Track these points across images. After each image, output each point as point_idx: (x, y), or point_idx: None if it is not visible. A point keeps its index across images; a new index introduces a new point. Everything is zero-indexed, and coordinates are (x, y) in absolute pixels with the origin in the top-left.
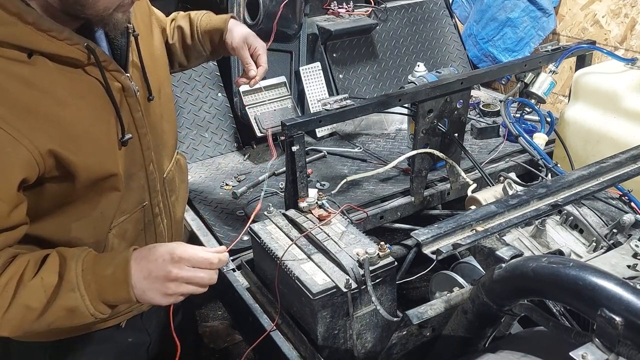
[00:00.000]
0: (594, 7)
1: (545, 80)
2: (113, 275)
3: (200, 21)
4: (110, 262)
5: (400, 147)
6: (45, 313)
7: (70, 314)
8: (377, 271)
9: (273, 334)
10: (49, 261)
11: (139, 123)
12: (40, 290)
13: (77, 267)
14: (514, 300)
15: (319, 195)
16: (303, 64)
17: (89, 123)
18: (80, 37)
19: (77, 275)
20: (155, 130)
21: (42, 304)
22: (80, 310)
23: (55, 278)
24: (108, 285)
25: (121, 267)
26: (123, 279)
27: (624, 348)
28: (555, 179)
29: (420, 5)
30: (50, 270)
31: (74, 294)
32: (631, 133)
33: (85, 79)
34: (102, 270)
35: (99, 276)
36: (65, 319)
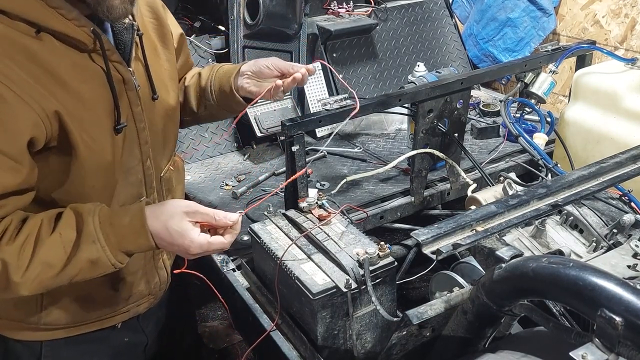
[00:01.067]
0: (594, 7)
1: (545, 80)
2: (130, 224)
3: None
4: (126, 212)
5: (400, 147)
6: (66, 267)
7: (93, 265)
8: (377, 271)
9: (273, 334)
10: (64, 217)
11: (137, 117)
12: (60, 245)
13: (95, 219)
14: (514, 300)
15: (319, 195)
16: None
17: (87, 106)
18: (88, 20)
19: (96, 228)
20: (156, 128)
21: (62, 259)
22: (102, 261)
23: (74, 233)
24: (127, 234)
25: (137, 216)
26: (141, 226)
27: (624, 348)
28: (555, 179)
29: (420, 5)
30: (68, 226)
31: (94, 245)
32: (631, 133)
33: (89, 66)
34: (119, 220)
35: (116, 226)
36: (87, 271)
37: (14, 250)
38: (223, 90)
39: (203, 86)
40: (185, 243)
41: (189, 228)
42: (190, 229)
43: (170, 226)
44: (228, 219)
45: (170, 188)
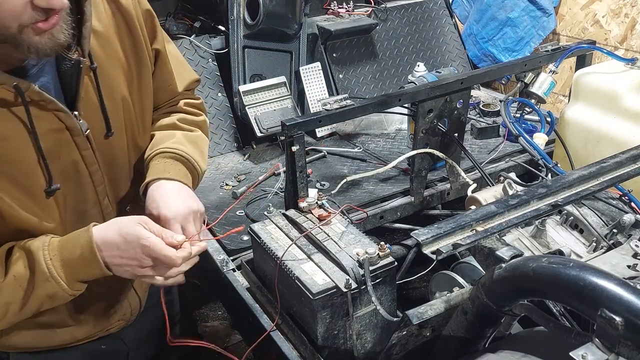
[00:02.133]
0: (594, 7)
1: (545, 80)
2: (81, 256)
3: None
4: (76, 244)
5: (400, 147)
6: (27, 304)
7: (51, 299)
8: (377, 271)
9: (273, 334)
10: (14, 258)
11: (88, 160)
12: (16, 286)
13: (45, 257)
14: (514, 300)
15: (319, 195)
16: (303, 64)
17: (10, 165)
18: (8, 76)
19: (48, 265)
20: (116, 163)
21: (21, 297)
22: (59, 294)
23: (27, 272)
24: (79, 266)
25: (87, 247)
26: (92, 257)
27: (624, 348)
28: (555, 179)
29: (420, 5)
30: (20, 266)
31: (49, 283)
32: (631, 133)
33: (12, 120)
34: (69, 254)
35: (67, 260)
36: (48, 303)
37: None
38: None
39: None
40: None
41: (142, 230)
42: (144, 230)
43: (123, 232)
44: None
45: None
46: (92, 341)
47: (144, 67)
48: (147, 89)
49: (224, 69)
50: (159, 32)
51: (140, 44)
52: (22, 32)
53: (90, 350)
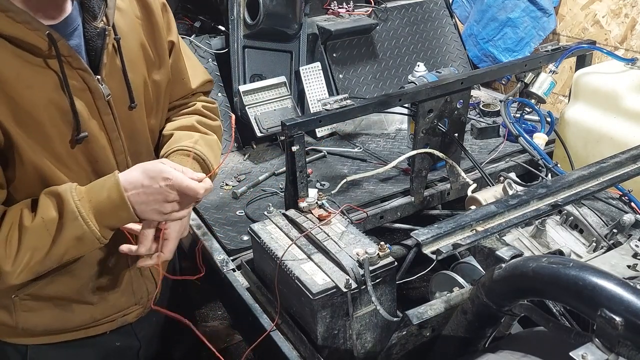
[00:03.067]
0: (594, 7)
1: (545, 80)
2: (108, 198)
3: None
4: (102, 187)
5: (400, 147)
6: (52, 248)
7: (79, 242)
8: (377, 271)
9: (273, 334)
10: (42, 202)
11: (109, 127)
12: (43, 229)
13: (74, 197)
14: (514, 300)
15: (319, 195)
16: (303, 64)
17: (32, 113)
18: (43, 24)
19: (77, 204)
20: (137, 137)
21: (48, 241)
22: (87, 236)
23: (55, 213)
24: (107, 209)
25: (114, 189)
26: (119, 198)
27: (624, 348)
28: (555, 179)
29: (420, 5)
30: (48, 208)
31: (77, 222)
32: (631, 133)
33: (42, 71)
34: (97, 196)
35: (95, 202)
36: (74, 248)
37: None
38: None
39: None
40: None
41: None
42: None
43: (147, 169)
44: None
45: None
46: (108, 336)
47: (162, 54)
48: (164, 77)
49: (224, 69)
50: (173, 26)
51: (159, 32)
52: None
53: (105, 346)
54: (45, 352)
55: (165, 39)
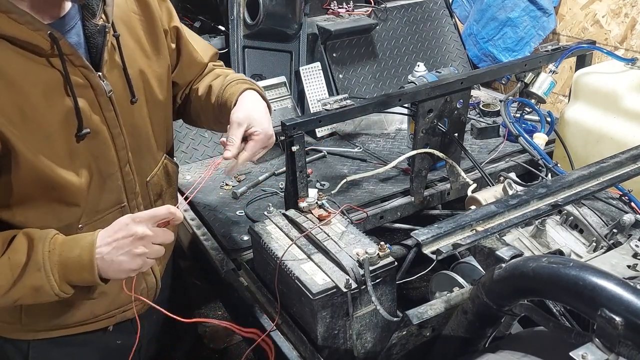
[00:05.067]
0: (594, 7)
1: (545, 80)
2: (79, 257)
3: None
4: (77, 244)
5: (400, 147)
6: (11, 290)
7: (35, 292)
8: (377, 271)
9: (273, 333)
10: (16, 241)
11: (111, 123)
12: (7, 269)
13: (44, 248)
14: (514, 300)
15: (319, 195)
16: (303, 64)
17: (38, 111)
18: (45, 24)
19: (44, 256)
20: (137, 132)
21: (9, 282)
22: (45, 289)
23: (23, 258)
24: (73, 267)
25: (87, 249)
26: (88, 260)
27: (624, 348)
28: (555, 179)
29: (420, 5)
30: (18, 250)
31: (39, 273)
32: (631, 133)
33: (46, 70)
34: (68, 252)
35: (64, 258)
36: (30, 297)
37: None
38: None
39: (212, 103)
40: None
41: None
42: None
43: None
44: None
45: (160, 192)
46: (109, 334)
47: (160, 46)
48: (163, 67)
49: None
50: (174, 13)
51: (157, 24)
52: None
53: (107, 344)
54: (47, 350)
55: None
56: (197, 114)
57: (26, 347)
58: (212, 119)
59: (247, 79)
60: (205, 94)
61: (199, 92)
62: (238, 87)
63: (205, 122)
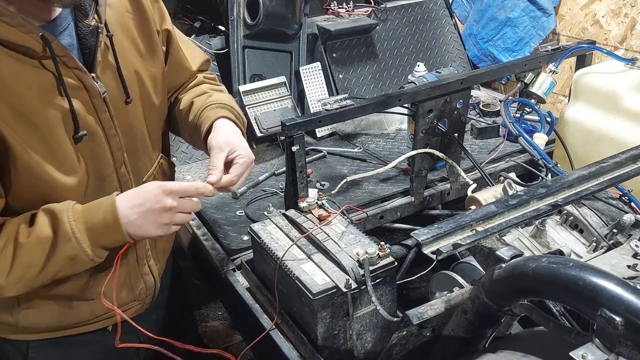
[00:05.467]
0: (594, 7)
1: (545, 80)
2: (103, 220)
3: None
4: (98, 208)
5: (400, 147)
6: (47, 266)
7: (72, 262)
8: (377, 271)
9: (272, 333)
10: (39, 219)
11: (106, 124)
12: (38, 247)
13: (69, 217)
14: (514, 300)
15: (319, 195)
16: (303, 64)
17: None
18: (36, 27)
19: (71, 225)
20: (132, 132)
21: (42, 259)
22: (80, 257)
23: (50, 232)
24: (101, 230)
25: (109, 211)
26: (114, 221)
27: (624, 348)
28: (555, 179)
29: (420, 5)
30: (44, 227)
31: (70, 243)
32: (631, 133)
33: (39, 71)
34: (92, 217)
35: (89, 223)
36: (67, 267)
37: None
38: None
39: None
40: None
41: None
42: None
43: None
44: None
45: None
46: (108, 334)
47: (155, 46)
48: (158, 68)
49: (224, 69)
50: (166, 15)
51: (150, 24)
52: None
53: (106, 345)
54: (46, 350)
55: (156, 30)
56: (176, 125)
57: (25, 348)
58: (188, 136)
59: (227, 103)
60: (186, 109)
61: (181, 105)
62: (215, 112)
63: (183, 135)
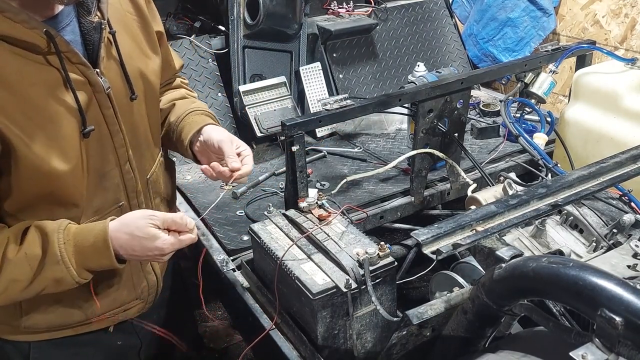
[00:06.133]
0: (594, 7)
1: (545, 80)
2: (94, 245)
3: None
4: (90, 232)
5: (400, 147)
6: (32, 284)
7: (56, 283)
8: (377, 271)
9: (272, 333)
10: (29, 236)
11: (109, 120)
12: (25, 264)
13: (59, 240)
14: (514, 300)
15: (319, 195)
16: (303, 64)
17: (39, 111)
18: (40, 22)
19: (60, 248)
20: (137, 129)
21: (29, 276)
22: (66, 279)
23: (39, 252)
24: (90, 255)
25: (100, 237)
26: (105, 247)
27: (624, 348)
28: (555, 179)
29: (420, 5)
30: (33, 245)
31: (58, 266)
32: (631, 133)
33: (44, 68)
34: (83, 241)
35: (80, 247)
36: (52, 287)
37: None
38: (180, 139)
39: (171, 122)
40: (158, 245)
41: (156, 231)
42: (158, 231)
43: (137, 235)
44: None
45: (159, 190)
46: (110, 334)
47: (154, 46)
48: (158, 66)
49: (224, 69)
50: (157, 16)
51: (149, 24)
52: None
53: (107, 345)
54: (47, 351)
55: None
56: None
57: (27, 348)
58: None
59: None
60: (167, 109)
61: (161, 105)
62: (202, 118)
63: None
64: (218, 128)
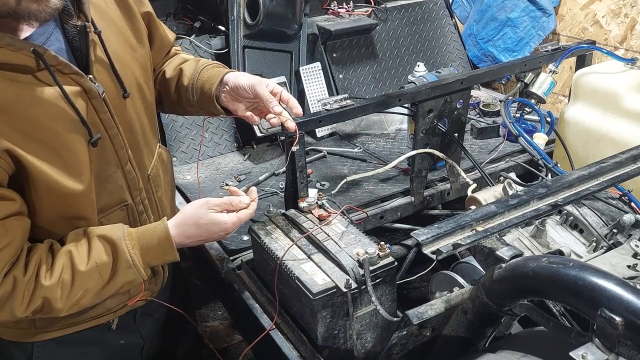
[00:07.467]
0: (594, 7)
1: (545, 80)
2: (159, 245)
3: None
4: (152, 234)
5: (400, 147)
6: (103, 289)
7: (127, 285)
8: (377, 271)
9: (272, 333)
10: (95, 247)
11: (107, 124)
12: (96, 274)
13: (128, 246)
14: (514, 300)
15: (319, 195)
16: (303, 64)
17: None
18: (25, 42)
19: (131, 254)
20: (133, 127)
21: (100, 284)
22: (136, 280)
23: (108, 259)
24: (155, 255)
25: (164, 237)
26: (170, 246)
27: (624, 348)
28: (555, 179)
29: (420, 5)
30: (101, 254)
31: (130, 270)
32: (631, 133)
33: (36, 87)
34: (148, 243)
35: (145, 249)
36: (121, 289)
37: (53, 286)
38: (205, 96)
39: (185, 85)
40: (222, 227)
41: (217, 215)
42: (219, 215)
43: (201, 224)
44: (243, 203)
45: (159, 183)
46: (112, 333)
47: (140, 35)
48: (146, 55)
49: None
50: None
51: (134, 12)
52: (20, 3)
53: (110, 344)
54: (51, 351)
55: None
56: (164, 94)
57: (30, 349)
58: (178, 101)
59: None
60: (176, 76)
61: (168, 74)
62: (218, 70)
63: (167, 103)
64: (239, 73)
